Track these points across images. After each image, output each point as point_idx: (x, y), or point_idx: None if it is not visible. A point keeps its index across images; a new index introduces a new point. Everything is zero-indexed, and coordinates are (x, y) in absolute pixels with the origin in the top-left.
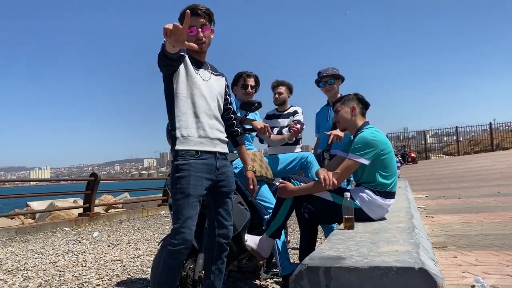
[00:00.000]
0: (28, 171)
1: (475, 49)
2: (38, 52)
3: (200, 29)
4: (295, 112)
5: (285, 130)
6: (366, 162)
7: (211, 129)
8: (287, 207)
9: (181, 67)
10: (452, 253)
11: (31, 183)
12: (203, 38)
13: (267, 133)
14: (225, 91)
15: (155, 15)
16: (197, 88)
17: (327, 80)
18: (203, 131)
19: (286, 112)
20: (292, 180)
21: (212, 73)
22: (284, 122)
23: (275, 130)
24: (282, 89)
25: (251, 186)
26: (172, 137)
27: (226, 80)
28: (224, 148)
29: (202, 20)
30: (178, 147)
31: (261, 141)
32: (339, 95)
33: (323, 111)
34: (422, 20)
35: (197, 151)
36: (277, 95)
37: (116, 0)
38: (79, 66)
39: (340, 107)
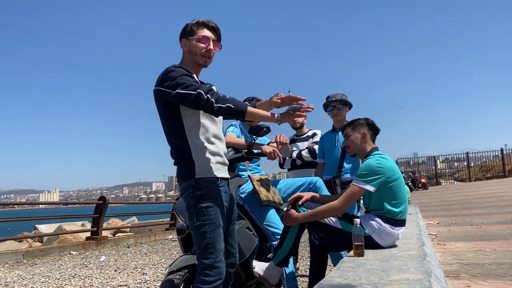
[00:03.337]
0: (37, 194)
1: (487, 73)
2: (48, 73)
3: (212, 42)
4: (314, 134)
5: (304, 152)
6: (371, 188)
7: (224, 154)
8: (293, 235)
9: None
10: (465, 282)
11: (40, 206)
12: (211, 52)
13: (278, 158)
14: None
15: (168, 32)
16: (206, 114)
17: (336, 105)
18: (219, 157)
19: (304, 136)
20: (297, 207)
21: None
22: (303, 145)
23: (294, 153)
24: None
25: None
26: (187, 164)
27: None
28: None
29: (214, 35)
30: (199, 174)
31: (281, 166)
32: (345, 122)
33: (329, 137)
34: (434, 44)
35: (217, 178)
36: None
37: (131, 14)
38: (88, 90)
39: (350, 132)
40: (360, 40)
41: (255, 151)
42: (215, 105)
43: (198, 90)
